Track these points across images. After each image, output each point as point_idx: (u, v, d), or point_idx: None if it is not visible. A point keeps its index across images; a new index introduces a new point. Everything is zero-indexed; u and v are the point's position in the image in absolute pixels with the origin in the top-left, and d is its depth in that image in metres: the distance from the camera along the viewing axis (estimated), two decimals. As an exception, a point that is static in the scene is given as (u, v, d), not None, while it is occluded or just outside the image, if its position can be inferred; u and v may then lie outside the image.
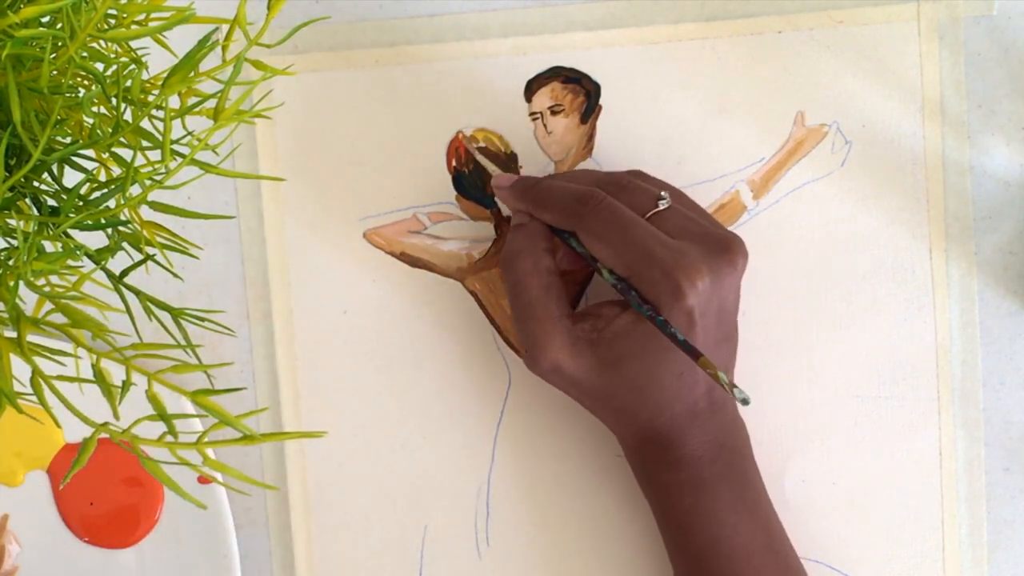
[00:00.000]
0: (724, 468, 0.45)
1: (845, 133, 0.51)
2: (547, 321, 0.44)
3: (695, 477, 0.45)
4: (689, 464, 0.45)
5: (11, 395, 0.31)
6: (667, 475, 0.45)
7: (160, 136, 0.33)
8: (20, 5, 0.31)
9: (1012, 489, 0.51)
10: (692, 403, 0.45)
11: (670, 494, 0.45)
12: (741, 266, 0.44)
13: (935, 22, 0.50)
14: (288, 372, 0.51)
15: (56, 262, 0.31)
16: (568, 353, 0.44)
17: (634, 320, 0.44)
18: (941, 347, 0.51)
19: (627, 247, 0.43)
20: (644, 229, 0.43)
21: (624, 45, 0.51)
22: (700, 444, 0.45)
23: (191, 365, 0.32)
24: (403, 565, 0.51)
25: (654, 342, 0.43)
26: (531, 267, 0.45)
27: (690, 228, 0.44)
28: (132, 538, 0.51)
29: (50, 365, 0.32)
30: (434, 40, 0.50)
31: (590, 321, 0.45)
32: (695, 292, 0.42)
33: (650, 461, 0.46)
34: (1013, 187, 0.51)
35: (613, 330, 0.44)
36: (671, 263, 0.42)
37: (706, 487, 0.45)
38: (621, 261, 0.43)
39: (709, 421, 0.45)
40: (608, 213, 0.44)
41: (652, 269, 0.43)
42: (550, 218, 0.45)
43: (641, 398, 0.44)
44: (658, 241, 0.43)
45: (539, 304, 0.45)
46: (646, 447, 0.46)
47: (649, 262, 0.43)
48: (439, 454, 0.51)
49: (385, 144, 0.51)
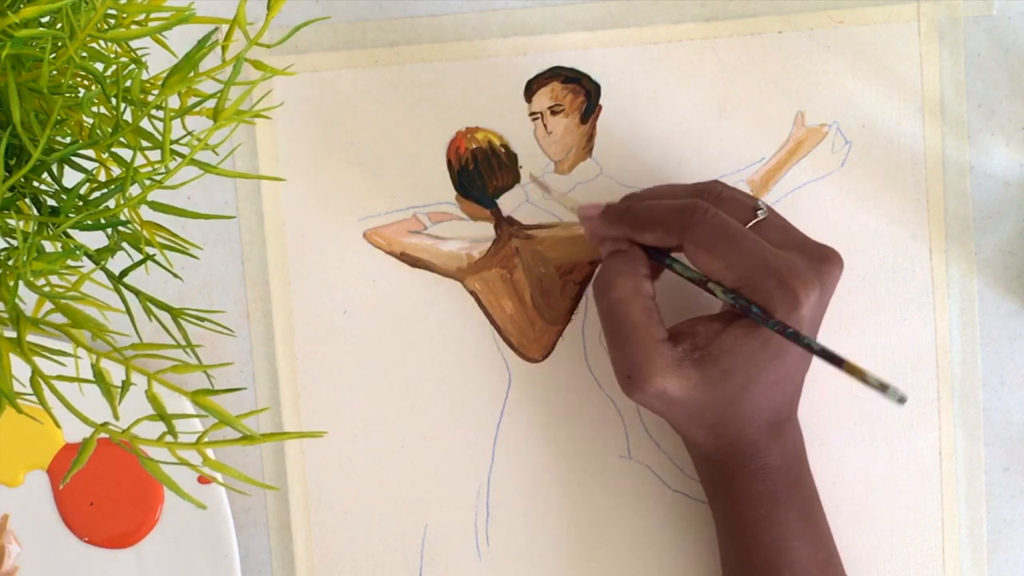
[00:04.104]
0: (796, 481, 0.45)
1: (845, 133, 0.51)
2: (650, 345, 0.43)
3: (772, 488, 0.45)
4: (768, 474, 0.45)
5: (11, 395, 0.31)
6: (746, 485, 0.45)
7: (160, 136, 0.33)
8: (20, 5, 0.31)
9: (1012, 489, 0.51)
10: (778, 411, 0.45)
11: (747, 504, 0.45)
12: (839, 276, 0.44)
13: (935, 22, 0.50)
14: (288, 372, 0.51)
15: (56, 262, 0.31)
16: (674, 376, 0.43)
17: (741, 334, 0.43)
18: (941, 347, 0.51)
19: (739, 257, 0.43)
20: (753, 239, 0.43)
21: (624, 45, 0.50)
22: (780, 455, 0.45)
23: (191, 365, 0.32)
24: (403, 565, 0.51)
25: (761, 353, 0.43)
26: (632, 291, 0.44)
27: (790, 238, 0.44)
28: (132, 538, 0.51)
29: (50, 365, 0.32)
30: (434, 40, 0.50)
31: (689, 340, 0.44)
32: (808, 302, 0.42)
33: (729, 472, 0.45)
34: (1013, 187, 0.51)
35: (719, 346, 0.43)
36: (786, 273, 0.42)
37: (780, 498, 0.45)
38: (733, 272, 0.43)
39: (789, 432, 0.46)
40: (716, 224, 0.43)
41: (767, 279, 0.42)
42: (652, 238, 0.45)
43: (739, 410, 0.44)
44: (769, 251, 0.43)
45: (642, 328, 0.44)
46: (728, 458, 0.45)
47: (763, 272, 0.42)
48: (439, 454, 0.51)
49: (385, 144, 0.51)
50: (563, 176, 0.51)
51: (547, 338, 0.51)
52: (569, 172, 0.51)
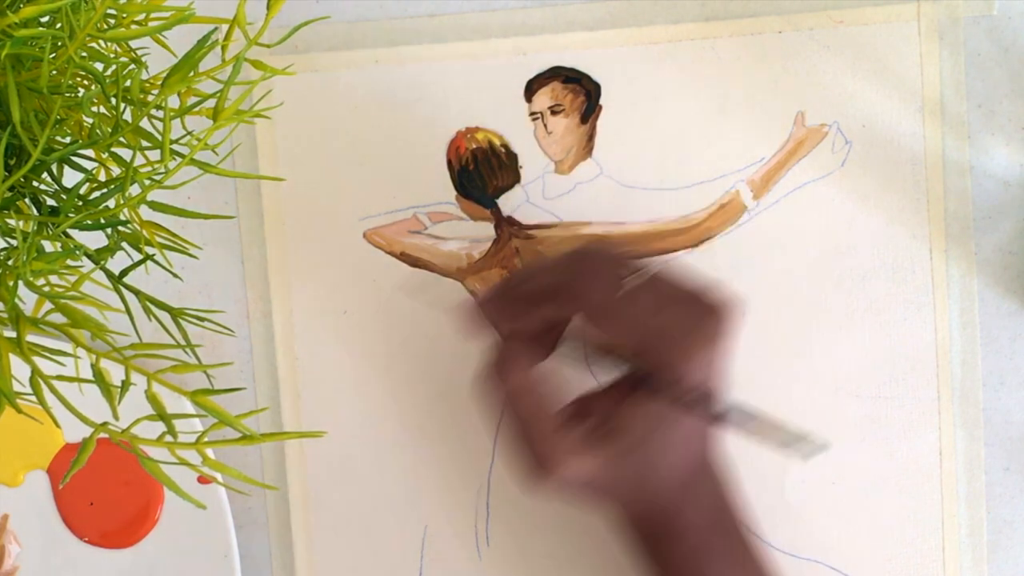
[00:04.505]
0: (723, 532, 0.44)
1: (845, 133, 0.51)
2: (549, 434, 0.42)
3: (696, 545, 0.44)
4: (690, 532, 0.44)
5: (11, 395, 0.31)
6: (669, 546, 0.44)
7: (160, 136, 0.33)
8: (20, 5, 0.31)
9: (1012, 489, 0.51)
10: (692, 469, 0.44)
11: (672, 565, 0.44)
12: (731, 326, 0.43)
13: (935, 22, 0.50)
14: (288, 372, 0.51)
15: (56, 262, 0.31)
16: (579, 460, 0.42)
17: (640, 404, 0.42)
18: (941, 347, 0.51)
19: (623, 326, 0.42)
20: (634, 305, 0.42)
21: (624, 45, 0.50)
22: (700, 509, 0.44)
23: (191, 365, 0.32)
24: (403, 565, 0.51)
25: (664, 419, 0.42)
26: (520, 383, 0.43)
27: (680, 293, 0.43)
28: (132, 538, 0.51)
29: (50, 365, 0.32)
30: (434, 40, 0.50)
31: (587, 420, 0.43)
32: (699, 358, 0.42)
33: (652, 536, 0.45)
34: (1013, 187, 0.51)
35: (620, 420, 0.43)
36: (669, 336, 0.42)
37: (709, 551, 0.44)
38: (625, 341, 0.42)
39: (706, 484, 0.45)
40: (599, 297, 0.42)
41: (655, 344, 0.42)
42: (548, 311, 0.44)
43: (648, 477, 0.43)
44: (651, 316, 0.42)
45: (541, 419, 0.43)
46: (646, 524, 0.45)
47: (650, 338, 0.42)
48: (439, 454, 0.51)
49: (385, 144, 0.51)
50: (563, 176, 0.51)
51: (547, 338, 0.51)
52: (569, 172, 0.51)
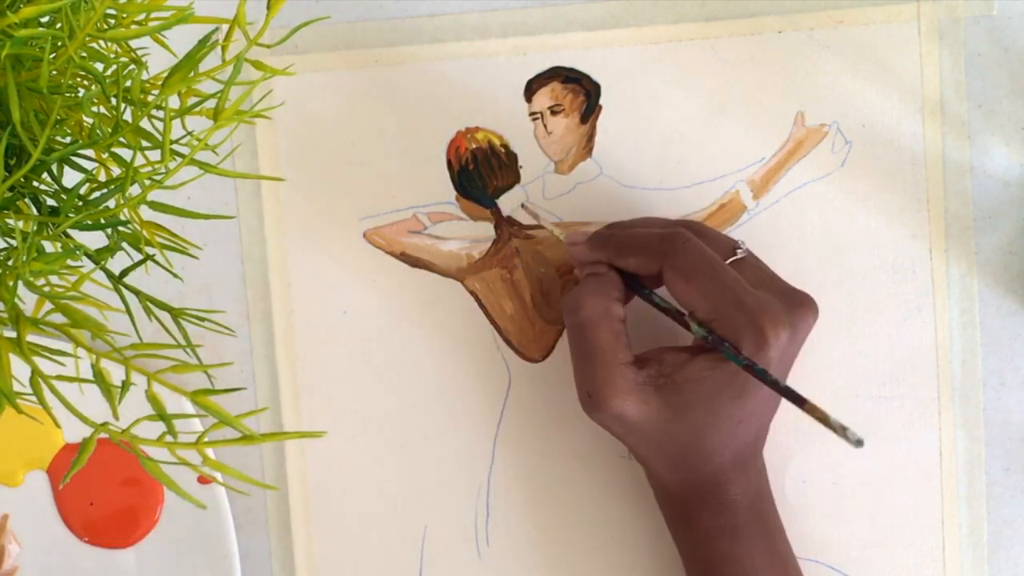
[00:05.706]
0: (758, 515, 0.45)
1: (845, 133, 0.51)
2: (614, 367, 0.44)
3: (733, 523, 0.45)
4: (729, 510, 0.45)
5: (11, 395, 0.31)
6: (706, 520, 0.45)
7: (160, 136, 0.33)
8: (20, 5, 0.31)
9: (1012, 489, 0.51)
10: (741, 449, 0.45)
11: (707, 539, 0.45)
12: (813, 324, 0.45)
13: (935, 22, 0.50)
14: (288, 372, 0.51)
15: (56, 262, 0.31)
16: (634, 399, 0.43)
17: (708, 366, 0.43)
18: (941, 347, 0.51)
19: (715, 289, 0.43)
20: (730, 274, 0.43)
21: (624, 45, 0.50)
22: (742, 491, 0.45)
23: (191, 365, 0.32)
24: (403, 565, 0.51)
25: (726, 389, 0.43)
26: (602, 311, 0.44)
27: (767, 280, 0.45)
28: (132, 538, 0.51)
29: (50, 365, 0.32)
30: (434, 40, 0.50)
31: (654, 366, 0.44)
32: (777, 343, 0.42)
33: (691, 506, 0.46)
34: (1013, 187, 0.51)
35: (683, 376, 0.44)
36: (758, 311, 0.42)
37: (743, 533, 0.45)
38: (707, 304, 0.43)
39: (752, 468, 0.46)
40: (697, 253, 0.43)
41: (739, 315, 0.42)
42: (634, 263, 0.45)
43: (699, 444, 0.44)
44: (744, 288, 0.43)
45: (608, 349, 0.44)
46: (689, 492, 0.45)
47: (736, 307, 0.42)
48: (439, 454, 0.51)
49: (385, 144, 0.51)
50: (563, 176, 0.51)
51: (547, 338, 0.51)
52: (569, 172, 0.51)
